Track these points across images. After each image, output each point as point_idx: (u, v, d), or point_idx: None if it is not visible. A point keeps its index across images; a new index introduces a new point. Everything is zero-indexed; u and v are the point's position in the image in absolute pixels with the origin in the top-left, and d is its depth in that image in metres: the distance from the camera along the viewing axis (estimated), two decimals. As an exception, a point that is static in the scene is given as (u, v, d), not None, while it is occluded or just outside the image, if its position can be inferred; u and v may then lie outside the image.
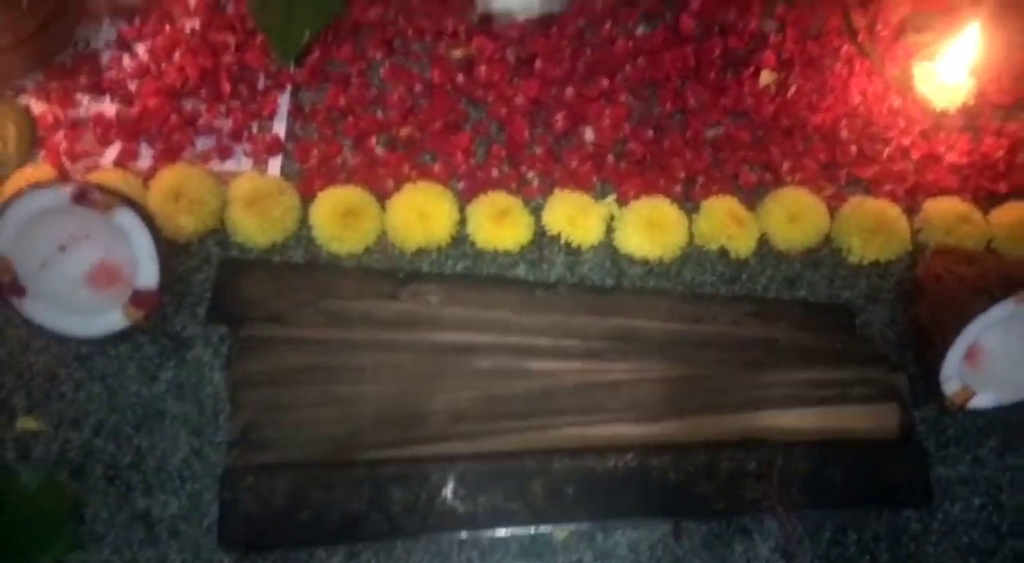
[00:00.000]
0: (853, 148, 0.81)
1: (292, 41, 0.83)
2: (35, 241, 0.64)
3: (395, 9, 0.86)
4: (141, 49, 0.82)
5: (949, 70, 0.83)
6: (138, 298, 0.64)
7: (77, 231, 0.66)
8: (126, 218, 0.63)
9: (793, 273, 0.76)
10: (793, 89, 0.84)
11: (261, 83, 0.82)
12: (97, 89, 0.80)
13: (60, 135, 0.77)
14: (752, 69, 0.85)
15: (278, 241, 0.74)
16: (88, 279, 0.67)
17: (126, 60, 0.81)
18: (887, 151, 0.81)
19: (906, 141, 0.82)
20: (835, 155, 0.81)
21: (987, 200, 0.80)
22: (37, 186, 0.64)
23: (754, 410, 0.64)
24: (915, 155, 0.81)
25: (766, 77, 0.84)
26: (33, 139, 0.76)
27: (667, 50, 0.85)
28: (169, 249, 0.68)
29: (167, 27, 0.83)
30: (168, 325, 0.69)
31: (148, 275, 0.64)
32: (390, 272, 0.73)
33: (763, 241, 0.77)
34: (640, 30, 0.87)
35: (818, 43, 0.87)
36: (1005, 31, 0.85)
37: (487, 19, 0.86)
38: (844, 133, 0.82)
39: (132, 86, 0.80)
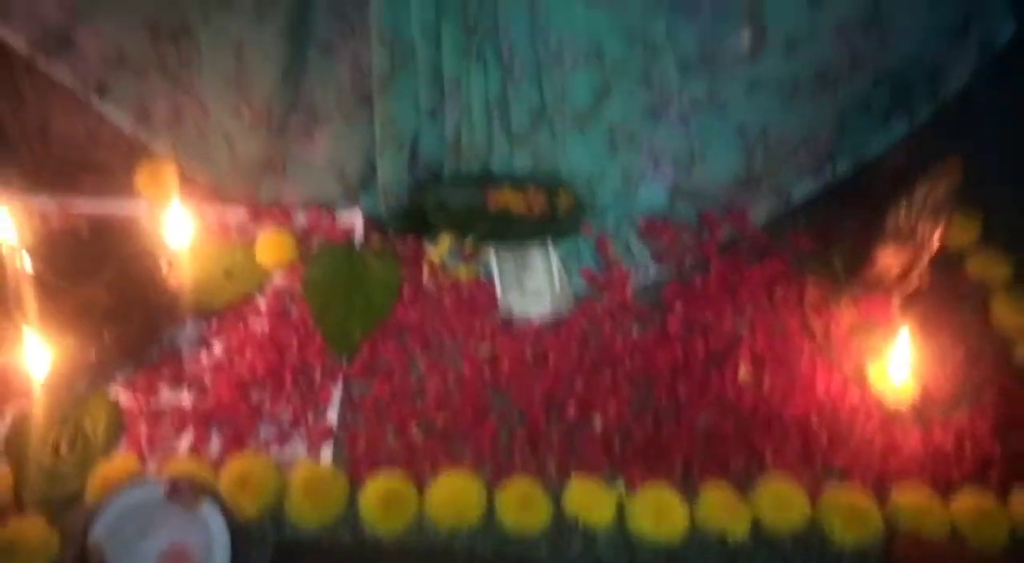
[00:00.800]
0: (824, 438, 0.94)
1: (347, 341, 0.98)
2: (122, 528, 0.73)
3: (432, 312, 1.03)
4: (218, 347, 0.97)
5: (896, 370, 0.99)
6: (209, 584, 0.72)
7: (159, 518, 0.75)
8: (209, 510, 0.73)
9: (786, 554, 0.86)
10: (767, 383, 0.99)
11: (318, 376, 0.95)
12: (177, 382, 0.93)
13: (142, 425, 0.89)
14: (731, 365, 1.00)
15: (328, 523, 0.83)
16: (161, 560, 0.75)
17: (204, 356, 0.96)
18: (853, 441, 0.94)
19: (868, 432, 0.95)
20: (810, 444, 0.94)
21: (945, 486, 0.91)
22: (134, 482, 0.74)
23: None
24: (878, 445, 0.94)
25: (743, 373, 1.00)
26: (119, 429, 0.88)
27: (658, 348, 1.01)
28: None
29: (241, 328, 0.99)
30: (226, 607, 0.75)
31: (221, 559, 0.72)
32: (427, 553, 0.81)
33: (756, 524, 0.87)
34: (635, 330, 1.04)
35: (784, 342, 1.04)
36: (933, 336, 1.03)
37: (508, 321, 1.03)
38: (815, 424, 0.95)
39: (207, 379, 0.94)
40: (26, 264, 0.92)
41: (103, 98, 1.02)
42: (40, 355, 0.86)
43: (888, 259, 1.02)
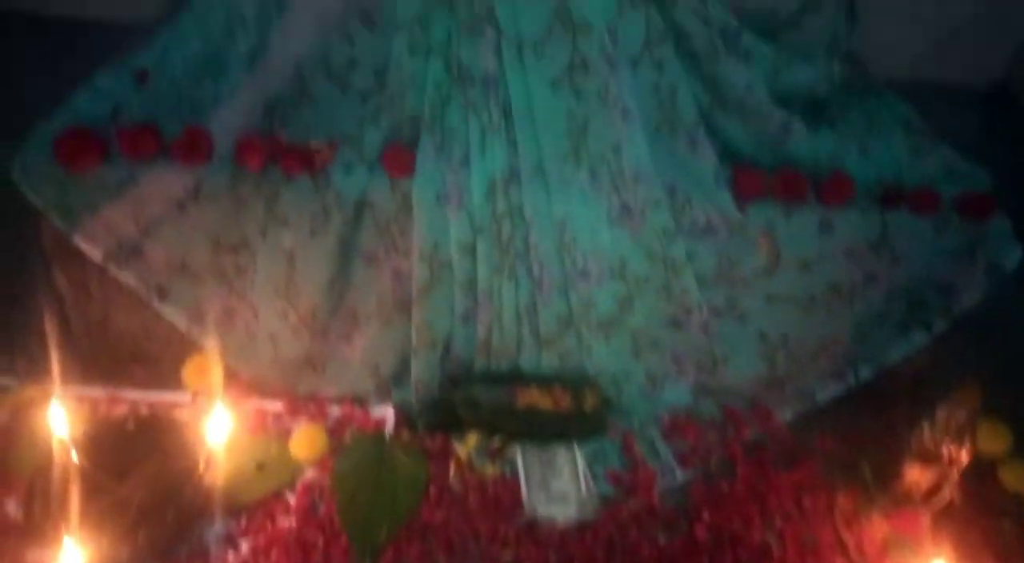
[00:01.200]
0: None
1: (371, 542, 0.98)
2: None
3: (457, 512, 1.03)
4: (244, 546, 0.97)
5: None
6: None
7: None
8: None
9: None
10: (800, 605, 0.96)
11: (340, 584, 0.95)
12: (202, 588, 0.93)
13: (164, 631, 0.88)
14: (762, 581, 0.98)
15: None
16: None
17: (231, 556, 0.96)
18: None
19: None
20: None
21: None
22: None
23: None
24: None
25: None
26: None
27: (686, 559, 0.99)
28: None
29: (269, 526, 1.00)
30: None
31: None
32: None
33: None
34: (661, 538, 1.03)
35: (816, 557, 1.01)
36: (971, 554, 0.99)
37: (533, 522, 1.03)
38: (853, 655, 0.91)
39: (230, 584, 0.94)
40: (73, 457, 0.96)
41: (162, 300, 1.10)
42: (75, 557, 0.87)
43: (916, 475, 1.01)
